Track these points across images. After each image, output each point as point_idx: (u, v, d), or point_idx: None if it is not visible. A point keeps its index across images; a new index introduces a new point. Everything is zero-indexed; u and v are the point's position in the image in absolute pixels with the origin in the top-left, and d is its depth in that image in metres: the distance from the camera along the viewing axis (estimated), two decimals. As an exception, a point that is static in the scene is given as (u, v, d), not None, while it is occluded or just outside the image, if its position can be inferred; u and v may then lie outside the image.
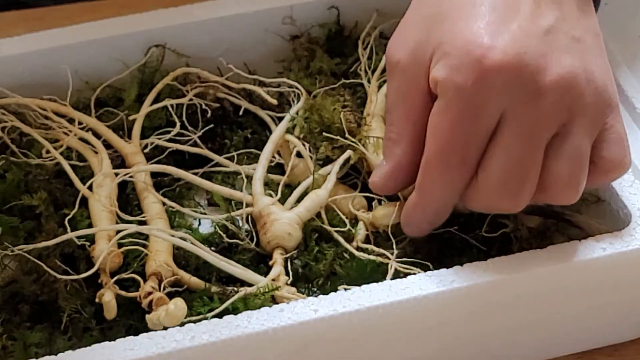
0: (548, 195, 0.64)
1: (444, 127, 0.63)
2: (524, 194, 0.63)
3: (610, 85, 0.65)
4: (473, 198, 0.65)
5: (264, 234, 0.70)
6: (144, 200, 0.73)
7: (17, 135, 0.78)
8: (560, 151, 0.63)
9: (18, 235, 0.72)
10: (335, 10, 0.83)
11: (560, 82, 0.62)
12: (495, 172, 0.63)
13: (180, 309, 0.64)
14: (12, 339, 0.67)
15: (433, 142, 0.64)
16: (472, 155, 0.63)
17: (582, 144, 0.64)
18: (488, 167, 0.63)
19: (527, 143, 0.62)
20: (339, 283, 0.68)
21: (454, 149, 0.63)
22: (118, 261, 0.69)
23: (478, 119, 0.62)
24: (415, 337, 0.66)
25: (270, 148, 0.75)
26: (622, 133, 0.65)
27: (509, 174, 0.63)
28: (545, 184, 0.64)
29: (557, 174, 0.63)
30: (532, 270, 0.64)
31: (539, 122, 0.62)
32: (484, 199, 0.64)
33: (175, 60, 0.81)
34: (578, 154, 0.63)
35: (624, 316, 0.71)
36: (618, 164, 0.65)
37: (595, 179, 0.65)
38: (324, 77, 0.80)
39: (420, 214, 0.67)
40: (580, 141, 0.63)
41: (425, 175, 0.65)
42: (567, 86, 0.62)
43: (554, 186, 0.64)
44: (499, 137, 0.63)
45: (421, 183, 0.66)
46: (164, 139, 0.77)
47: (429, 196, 0.66)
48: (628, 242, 0.66)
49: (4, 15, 0.95)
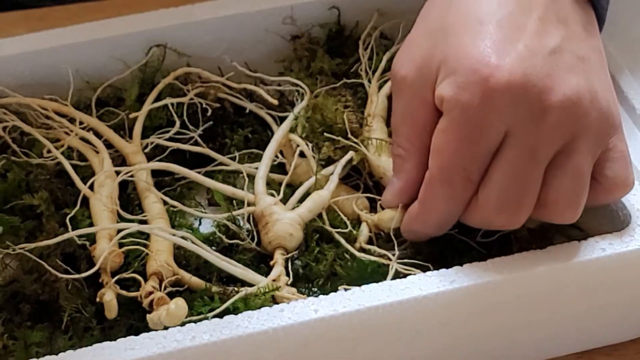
0: (547, 213, 0.64)
1: (448, 145, 0.63)
2: (523, 211, 0.64)
3: (613, 104, 0.66)
4: (472, 213, 0.65)
5: (266, 233, 0.71)
6: (145, 200, 0.73)
7: (18, 134, 0.78)
8: (562, 170, 0.63)
9: (19, 234, 0.72)
10: (336, 10, 0.83)
11: (566, 102, 0.62)
12: (496, 189, 0.63)
13: (181, 308, 0.64)
14: (13, 338, 0.67)
15: (437, 158, 0.64)
16: (475, 172, 0.64)
17: (584, 163, 0.64)
18: (489, 184, 0.64)
19: (529, 161, 0.63)
20: (340, 283, 0.68)
21: (458, 166, 0.63)
22: (119, 261, 0.69)
23: (483, 138, 0.63)
24: (415, 337, 0.66)
25: (273, 147, 0.75)
26: (625, 152, 0.66)
27: (509, 191, 0.63)
28: (545, 202, 0.64)
29: (558, 193, 0.64)
30: (532, 270, 0.64)
31: (542, 141, 0.63)
32: (482, 214, 0.65)
33: (176, 60, 0.81)
34: (579, 174, 0.64)
35: (624, 316, 0.71)
36: (621, 183, 0.66)
37: (598, 198, 0.66)
38: (324, 77, 0.80)
39: (421, 226, 0.67)
40: (583, 160, 0.64)
41: (428, 189, 0.65)
42: (572, 106, 0.62)
43: (553, 204, 0.64)
44: (501, 155, 0.63)
45: (424, 197, 0.66)
46: (165, 138, 0.77)
47: (431, 210, 0.66)
48: (627, 243, 0.66)
49: (4, 15, 0.95)
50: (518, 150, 0.63)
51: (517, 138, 0.63)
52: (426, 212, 0.66)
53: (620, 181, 0.66)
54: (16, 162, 0.76)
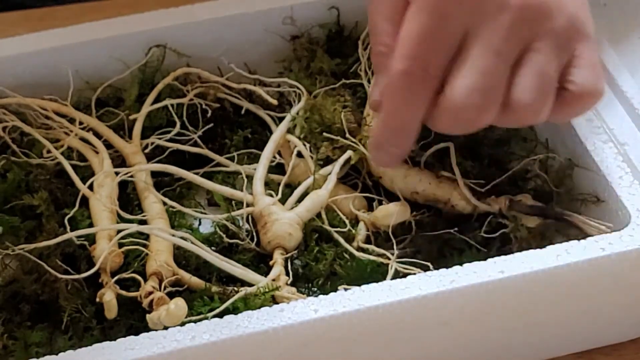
0: (510, 113, 0.64)
1: (410, 34, 0.63)
2: (488, 108, 0.63)
3: (582, 14, 0.65)
4: (439, 115, 0.65)
5: (265, 233, 0.71)
6: (145, 200, 0.73)
7: (18, 135, 0.78)
8: (525, 69, 0.64)
9: (19, 234, 0.72)
10: (336, 10, 0.83)
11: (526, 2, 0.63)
12: (460, 85, 0.63)
13: (181, 308, 0.64)
14: (13, 338, 0.67)
15: (400, 48, 0.64)
16: (435, 65, 0.63)
17: (548, 64, 0.64)
18: (453, 81, 0.63)
19: (492, 57, 0.63)
20: (339, 283, 0.68)
21: (418, 55, 0.63)
22: (119, 261, 0.69)
23: (443, 27, 0.63)
24: (415, 337, 0.66)
25: (271, 148, 0.76)
26: (594, 61, 0.65)
27: (475, 86, 0.63)
28: (509, 101, 0.64)
29: (520, 91, 0.63)
30: (532, 270, 0.64)
31: (503, 38, 0.63)
32: (449, 114, 0.64)
33: (176, 60, 0.81)
34: (542, 73, 0.64)
35: (623, 316, 0.71)
36: (590, 89, 0.65)
37: (568, 106, 0.65)
38: (324, 77, 0.80)
39: (385, 131, 0.66)
40: (546, 61, 0.64)
41: (389, 86, 0.65)
42: (533, 7, 0.63)
43: (516, 103, 0.64)
44: (464, 53, 0.63)
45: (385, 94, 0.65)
46: (165, 139, 0.77)
47: (393, 108, 0.65)
48: (627, 243, 0.66)
49: (4, 15, 0.95)
50: (480, 46, 0.63)
51: (478, 34, 0.63)
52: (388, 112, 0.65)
53: (589, 87, 0.65)
54: (16, 162, 0.76)
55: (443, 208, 0.73)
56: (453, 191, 0.72)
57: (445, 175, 0.73)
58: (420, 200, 0.73)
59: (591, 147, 0.71)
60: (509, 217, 0.71)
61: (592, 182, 0.71)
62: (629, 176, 0.69)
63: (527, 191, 0.73)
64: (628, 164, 0.70)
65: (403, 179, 0.73)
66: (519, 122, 0.65)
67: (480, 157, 0.75)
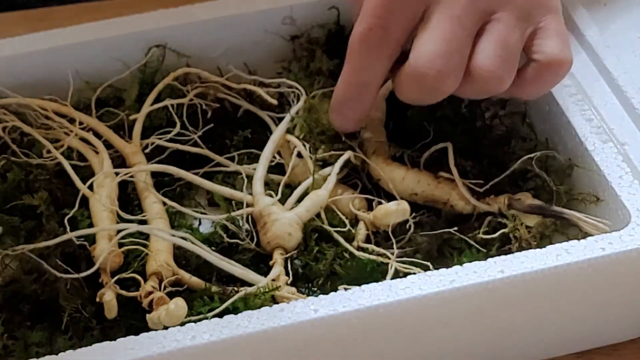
0: (473, 80, 0.65)
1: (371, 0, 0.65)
2: (449, 73, 0.65)
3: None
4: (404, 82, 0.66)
5: (264, 234, 0.71)
6: (145, 200, 0.73)
7: (18, 135, 0.78)
8: (487, 37, 0.65)
9: (19, 234, 0.72)
10: (335, 10, 0.83)
11: None
12: (421, 51, 0.65)
13: (181, 308, 0.64)
14: (13, 338, 0.67)
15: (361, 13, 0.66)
16: (395, 25, 0.65)
17: (510, 34, 0.65)
18: (416, 47, 0.65)
19: (453, 24, 0.64)
20: (339, 283, 0.68)
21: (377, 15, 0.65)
22: (119, 261, 0.69)
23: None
24: (415, 337, 0.66)
25: (270, 148, 0.76)
26: (560, 31, 0.67)
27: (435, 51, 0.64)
28: (471, 68, 0.65)
29: (482, 59, 0.65)
30: (532, 270, 0.64)
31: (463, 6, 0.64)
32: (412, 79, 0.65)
33: (176, 61, 0.81)
34: (504, 42, 0.65)
35: (623, 316, 0.71)
36: (557, 57, 0.66)
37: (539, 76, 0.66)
38: (323, 77, 0.80)
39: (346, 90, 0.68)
40: (508, 31, 0.65)
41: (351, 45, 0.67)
42: None
43: (478, 71, 0.65)
44: (426, 19, 0.65)
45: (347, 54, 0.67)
46: (165, 139, 0.77)
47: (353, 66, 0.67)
48: (627, 243, 0.66)
49: (4, 16, 0.95)
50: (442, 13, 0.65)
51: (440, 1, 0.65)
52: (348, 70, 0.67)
53: (556, 55, 0.66)
54: (16, 163, 0.76)
55: (442, 208, 0.73)
56: (452, 192, 0.72)
57: (444, 176, 0.73)
58: (420, 201, 0.73)
59: (591, 147, 0.71)
60: (508, 216, 0.71)
61: (592, 182, 0.71)
62: (629, 176, 0.69)
63: (527, 191, 0.73)
64: (628, 163, 0.70)
65: (402, 181, 0.73)
66: (483, 91, 0.66)
67: (480, 157, 0.75)
